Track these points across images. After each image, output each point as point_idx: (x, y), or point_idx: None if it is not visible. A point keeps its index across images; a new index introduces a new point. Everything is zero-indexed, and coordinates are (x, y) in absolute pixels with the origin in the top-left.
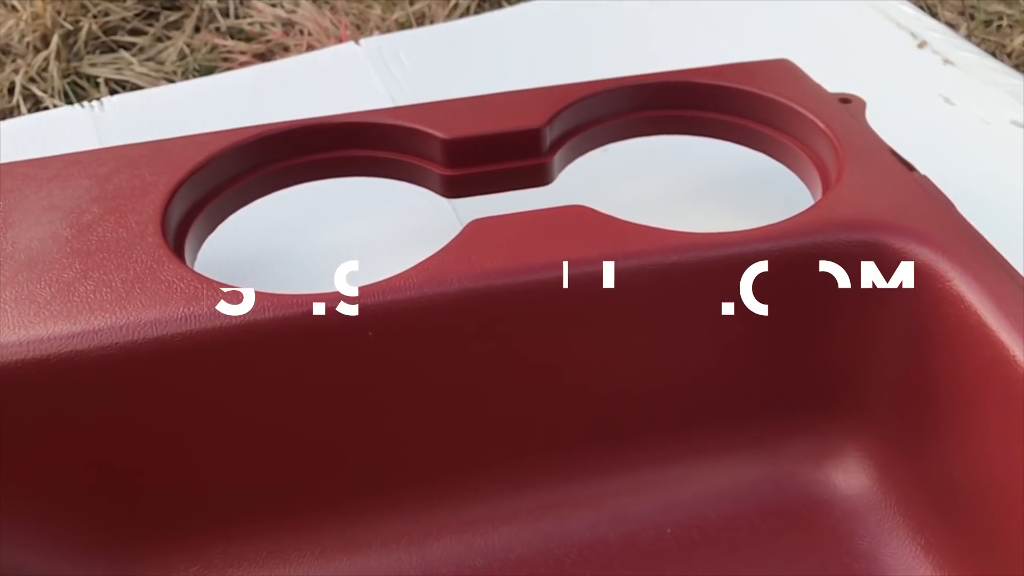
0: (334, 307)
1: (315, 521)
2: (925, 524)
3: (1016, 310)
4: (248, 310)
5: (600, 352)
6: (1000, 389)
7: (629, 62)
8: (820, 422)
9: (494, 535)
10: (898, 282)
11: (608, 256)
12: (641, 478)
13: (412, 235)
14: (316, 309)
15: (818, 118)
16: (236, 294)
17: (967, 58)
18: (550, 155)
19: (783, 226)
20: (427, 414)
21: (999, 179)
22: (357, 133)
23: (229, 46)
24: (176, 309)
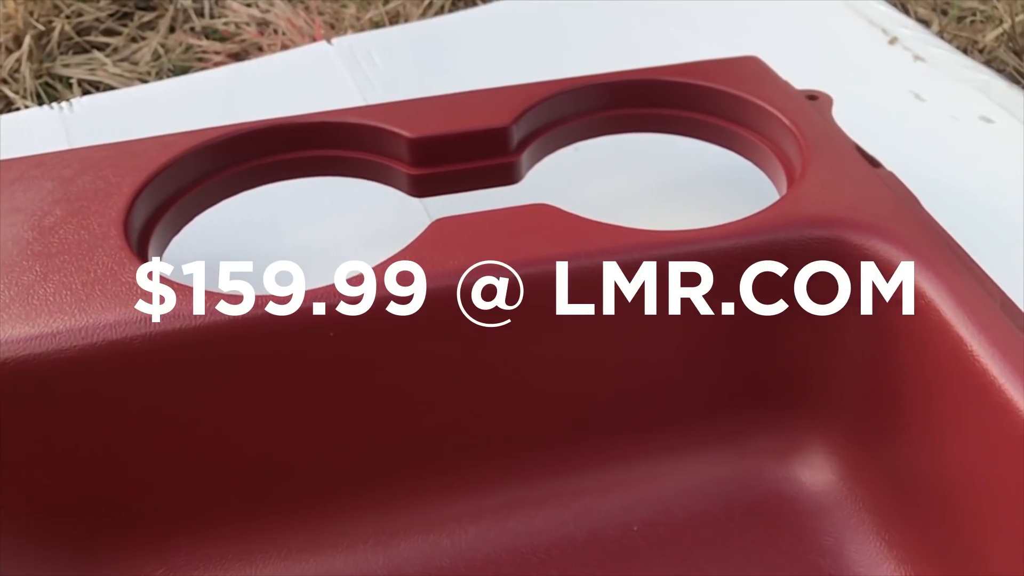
0: (293, 308)
1: (281, 522)
2: (889, 520)
3: (974, 305)
4: (206, 312)
5: (565, 351)
6: (959, 385)
7: (603, 60)
8: (785, 419)
9: (461, 535)
10: (858, 277)
11: (570, 255)
12: (608, 476)
13: (382, 234)
14: (276, 311)
15: (784, 115)
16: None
17: (937, 54)
18: (518, 154)
19: (744, 224)
20: (392, 415)
21: (966, 174)
22: (323, 133)
23: (204, 46)
24: (136, 311)
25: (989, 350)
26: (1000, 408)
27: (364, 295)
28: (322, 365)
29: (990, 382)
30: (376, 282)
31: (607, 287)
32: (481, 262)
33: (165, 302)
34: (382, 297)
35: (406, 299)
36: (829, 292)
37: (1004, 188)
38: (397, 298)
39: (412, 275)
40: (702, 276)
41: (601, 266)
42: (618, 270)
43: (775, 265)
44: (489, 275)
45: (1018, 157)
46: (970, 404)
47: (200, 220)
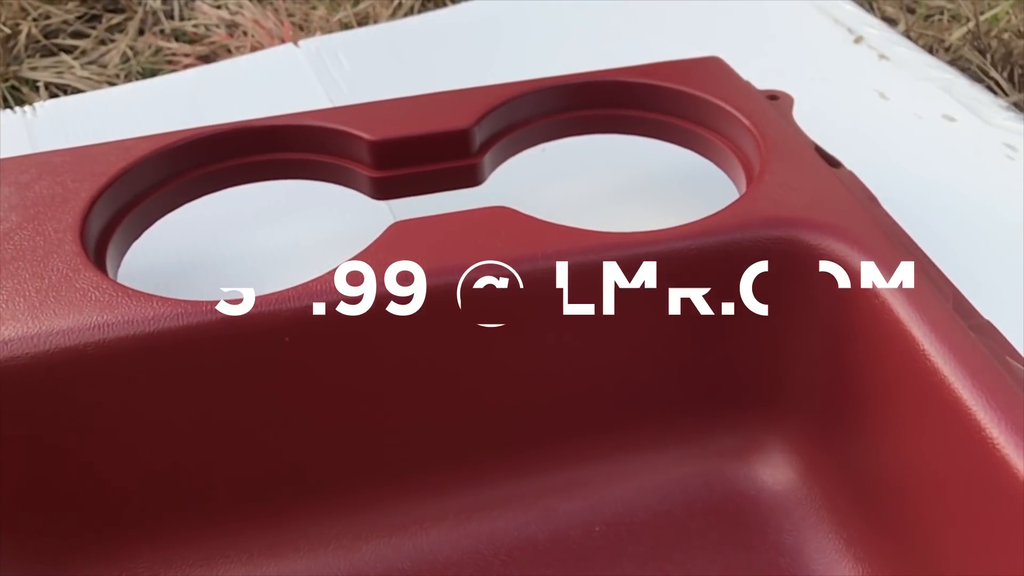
0: (249, 312)
1: (241, 526)
2: (847, 519)
3: (927, 305)
4: (159, 317)
5: (524, 353)
6: (912, 384)
7: (571, 61)
8: (746, 418)
9: (423, 537)
10: (812, 277)
11: (529, 257)
12: (570, 477)
13: (347, 236)
14: (229, 315)
15: (743, 115)
16: (151, 301)
17: (902, 53)
18: (480, 156)
19: (699, 225)
20: (350, 418)
21: (928, 172)
22: (283, 136)
23: (173, 48)
24: (90, 318)
25: (939, 349)
26: (950, 407)
27: (319, 299)
28: (278, 370)
29: (940, 381)
30: (331, 286)
31: (565, 289)
32: (437, 265)
33: (118, 308)
34: (336, 301)
35: (357, 300)
36: (785, 292)
37: (965, 186)
38: (349, 299)
39: (365, 278)
40: (659, 277)
41: (557, 268)
42: (576, 272)
43: (731, 265)
44: (445, 277)
45: (979, 155)
46: (922, 403)
47: (161, 225)
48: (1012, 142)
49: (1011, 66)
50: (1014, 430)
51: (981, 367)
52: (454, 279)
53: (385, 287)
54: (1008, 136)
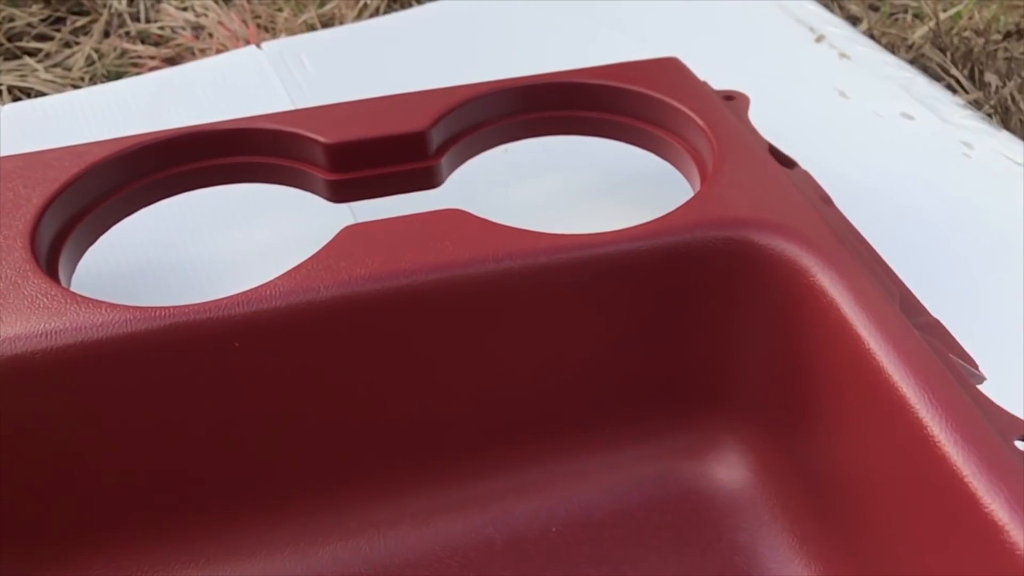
0: (198, 319)
1: (196, 532)
2: (800, 517)
3: (873, 304)
4: (108, 324)
5: (477, 355)
6: (859, 383)
7: (536, 60)
8: (702, 418)
9: (379, 541)
10: (762, 277)
11: (479, 259)
12: (527, 478)
13: (309, 240)
14: (179, 321)
15: (698, 116)
16: (99, 308)
17: (862, 52)
18: (437, 158)
19: (650, 226)
20: (304, 422)
21: (886, 170)
22: (240, 140)
23: (139, 51)
24: (37, 325)
25: (884, 348)
26: (894, 405)
27: (267, 304)
28: (228, 375)
29: (885, 380)
30: (279, 291)
31: (519, 291)
32: (387, 268)
33: (66, 315)
34: (284, 305)
35: (312, 306)
36: (736, 292)
37: (921, 184)
38: (304, 305)
39: (319, 282)
40: (610, 278)
41: (512, 270)
42: (529, 274)
43: (682, 266)
44: (395, 280)
45: (936, 153)
46: (869, 402)
47: (121, 230)
48: (969, 140)
49: (971, 64)
50: (954, 427)
51: (924, 365)
52: (404, 282)
53: (335, 291)
54: (965, 134)
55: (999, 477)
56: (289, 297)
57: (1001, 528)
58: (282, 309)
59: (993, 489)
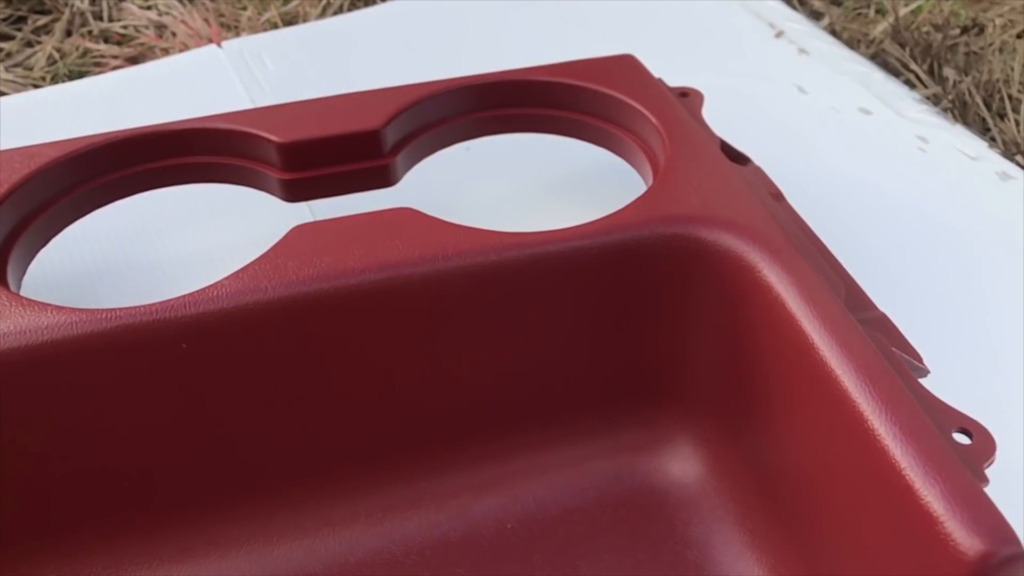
0: (144, 321)
1: (150, 533)
2: (752, 510)
3: (817, 299)
4: (53, 326)
5: (427, 354)
6: (804, 377)
7: (499, 58)
8: (655, 413)
9: (334, 539)
10: (711, 273)
11: (428, 258)
12: (482, 475)
13: (268, 241)
14: (125, 323)
15: (651, 113)
16: (44, 310)
17: (821, 47)
18: (392, 156)
19: (601, 223)
20: (256, 423)
21: (842, 165)
22: (193, 139)
23: (102, 50)
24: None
25: (827, 342)
26: (837, 399)
27: (214, 305)
28: (177, 377)
29: (829, 373)
30: (226, 291)
31: (468, 289)
32: (336, 267)
33: (10, 318)
34: (231, 306)
35: (260, 306)
36: (685, 288)
37: (877, 178)
38: (251, 306)
39: (266, 282)
40: (560, 276)
41: (460, 268)
42: (478, 272)
43: (632, 262)
44: (343, 279)
45: (892, 147)
46: (814, 396)
47: (76, 231)
48: (925, 134)
49: (931, 59)
50: (892, 420)
51: (865, 359)
52: (352, 282)
53: (282, 291)
54: (921, 128)
55: (935, 469)
56: (236, 298)
57: (936, 519)
58: (229, 310)
59: (929, 481)
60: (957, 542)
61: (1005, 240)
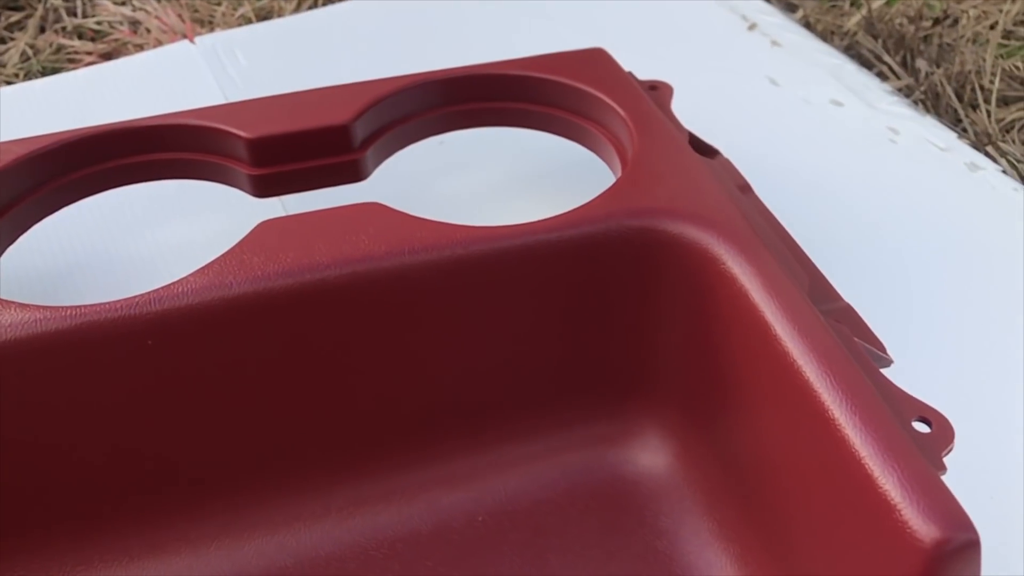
0: (109, 318)
1: (120, 527)
2: (719, 501)
3: (780, 290)
4: (16, 324)
5: (395, 348)
6: (768, 367)
7: (473, 53)
8: (625, 405)
9: (305, 534)
10: (677, 265)
11: (394, 253)
12: (453, 468)
13: (239, 237)
14: (90, 320)
15: (620, 106)
16: (8, 308)
17: (793, 40)
18: (362, 151)
19: (567, 217)
20: (224, 418)
21: (812, 157)
22: (162, 136)
23: (76, 46)
24: None
25: (790, 332)
26: (799, 389)
27: (179, 302)
28: (144, 373)
29: (791, 364)
30: (192, 287)
31: (436, 283)
32: (301, 263)
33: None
34: (196, 303)
35: (225, 302)
36: (651, 281)
37: (848, 170)
38: (216, 302)
39: (232, 278)
40: (527, 269)
41: (428, 263)
42: (446, 266)
43: (598, 255)
44: (309, 275)
45: (863, 139)
46: (777, 386)
47: (42, 230)
48: (896, 126)
49: (904, 51)
50: (852, 409)
51: (826, 349)
52: (318, 277)
53: (247, 287)
54: (892, 120)
55: (893, 457)
56: (201, 294)
57: (894, 507)
58: (194, 306)
59: (887, 469)
60: (913, 529)
61: (972, 230)
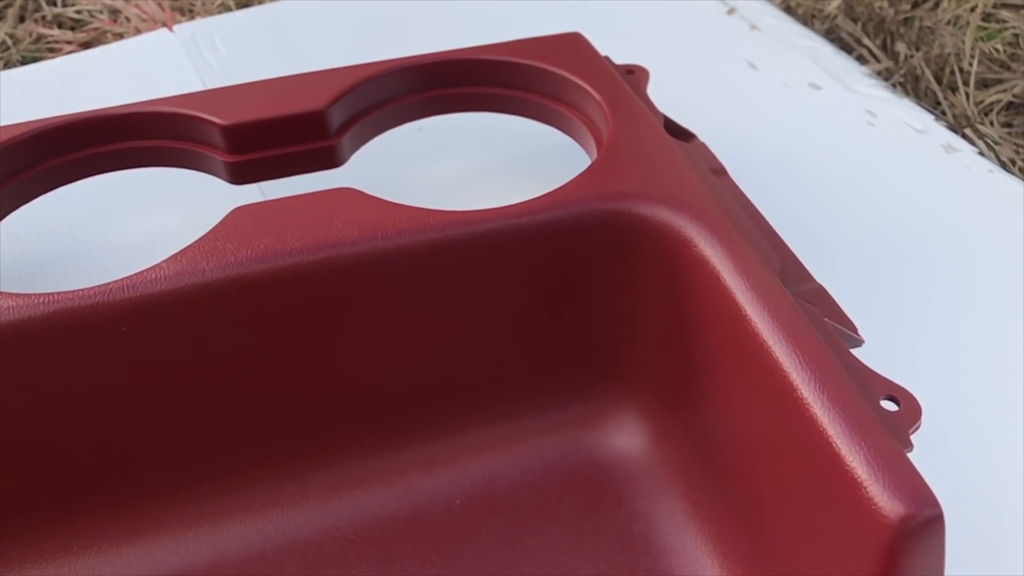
0: (82, 304)
1: (97, 515)
2: (694, 482)
3: (751, 271)
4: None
5: (370, 333)
6: (739, 349)
7: (453, 37)
8: (600, 387)
9: (283, 519)
10: (650, 248)
11: (367, 237)
12: (430, 452)
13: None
14: (63, 307)
15: (595, 91)
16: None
17: (772, 23)
18: (338, 137)
19: (541, 200)
20: (201, 403)
21: (791, 139)
22: (137, 123)
23: (56, 35)
24: None
25: (760, 313)
26: (769, 369)
27: (152, 288)
28: (120, 358)
29: (761, 345)
30: (164, 274)
31: (410, 268)
32: (275, 248)
33: None
34: (169, 289)
35: (199, 288)
36: (625, 264)
37: (825, 153)
38: (190, 288)
39: (205, 264)
40: (502, 253)
41: (401, 247)
42: (420, 251)
43: (572, 239)
44: (282, 260)
45: (840, 122)
46: (749, 366)
47: (19, 218)
48: (873, 108)
49: (884, 34)
50: (820, 388)
51: (796, 329)
52: (291, 262)
53: (220, 273)
54: (869, 103)
55: (860, 435)
56: (174, 280)
57: (860, 484)
58: (167, 292)
59: (854, 447)
60: (879, 505)
61: (948, 212)
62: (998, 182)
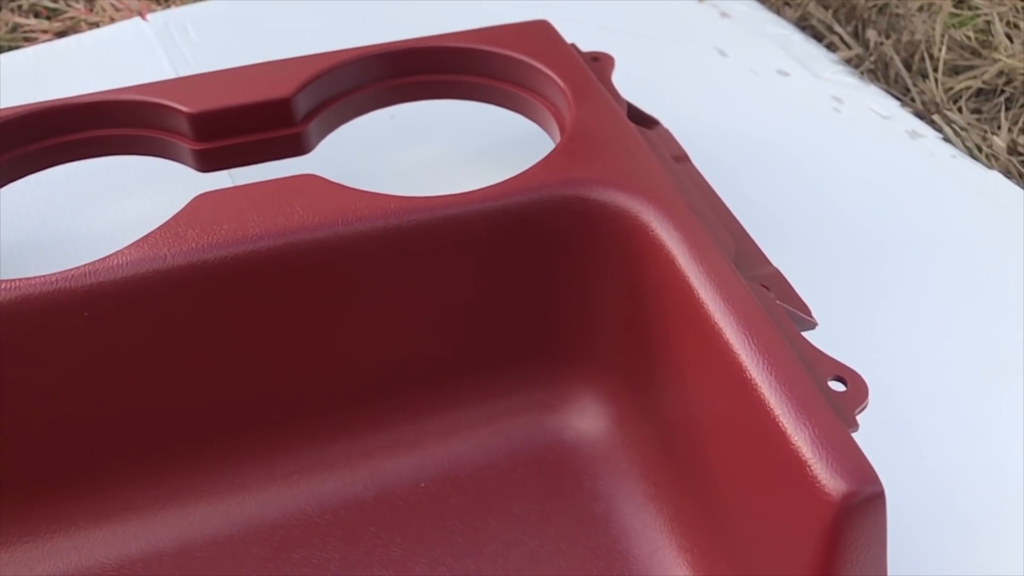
0: (43, 291)
1: (64, 499)
2: (654, 463)
3: (705, 255)
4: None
5: (332, 318)
6: (694, 332)
7: (424, 25)
8: (562, 371)
9: (249, 502)
10: (608, 233)
11: (328, 223)
12: (396, 435)
13: None
14: (25, 293)
15: (560, 78)
16: None
17: (743, 11)
18: (304, 124)
19: (501, 187)
20: (165, 388)
21: (759, 126)
22: (106, 111)
23: (32, 24)
24: None
25: (712, 296)
26: (721, 351)
27: (114, 274)
28: (84, 343)
29: (713, 327)
30: (126, 260)
31: (372, 253)
32: (236, 234)
33: None
34: (131, 275)
35: (160, 274)
36: (584, 249)
37: (791, 139)
38: (152, 274)
39: (166, 251)
40: (462, 238)
41: (363, 233)
42: (380, 236)
43: (532, 224)
44: (243, 246)
45: (807, 108)
46: (702, 349)
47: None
48: (840, 95)
49: (855, 21)
50: (769, 369)
51: (747, 312)
52: (252, 248)
53: (182, 259)
54: (836, 89)
55: (805, 415)
56: (136, 266)
57: (805, 463)
58: (128, 278)
59: (799, 426)
60: (822, 483)
61: (910, 196)
62: (960, 168)
